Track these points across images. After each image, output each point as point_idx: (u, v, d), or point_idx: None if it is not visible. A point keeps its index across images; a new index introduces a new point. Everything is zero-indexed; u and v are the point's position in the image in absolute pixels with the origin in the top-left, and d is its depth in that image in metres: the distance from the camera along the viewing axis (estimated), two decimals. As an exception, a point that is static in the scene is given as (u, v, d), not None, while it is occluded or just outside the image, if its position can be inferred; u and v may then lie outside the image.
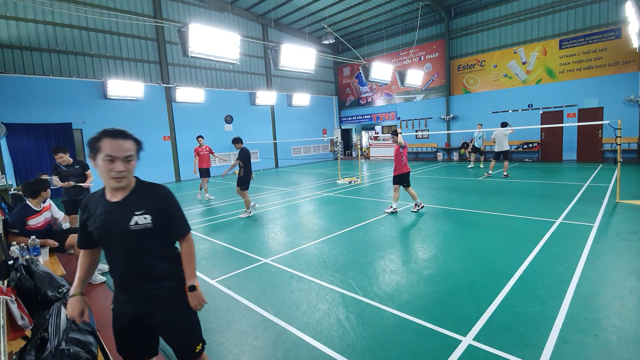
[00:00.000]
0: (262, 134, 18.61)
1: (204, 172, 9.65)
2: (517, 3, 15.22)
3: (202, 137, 9.76)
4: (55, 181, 5.11)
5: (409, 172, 6.82)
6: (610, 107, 13.35)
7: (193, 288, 1.71)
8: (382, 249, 4.79)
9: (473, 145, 13.40)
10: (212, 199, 9.63)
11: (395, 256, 4.49)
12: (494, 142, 10.65)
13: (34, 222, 3.85)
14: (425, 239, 5.14)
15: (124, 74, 13.65)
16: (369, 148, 22.02)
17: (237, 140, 7.21)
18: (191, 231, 1.77)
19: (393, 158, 6.93)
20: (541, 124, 14.40)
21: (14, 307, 1.82)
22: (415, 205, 6.80)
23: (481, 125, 13.27)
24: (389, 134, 11.94)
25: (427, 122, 19.04)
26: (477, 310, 3.01)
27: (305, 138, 20.06)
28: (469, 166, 13.69)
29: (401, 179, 6.81)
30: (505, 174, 10.67)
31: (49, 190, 4.05)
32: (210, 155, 9.89)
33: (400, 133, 6.82)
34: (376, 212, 6.98)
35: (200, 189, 9.86)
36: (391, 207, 6.85)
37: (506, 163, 10.81)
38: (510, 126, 10.61)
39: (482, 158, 13.69)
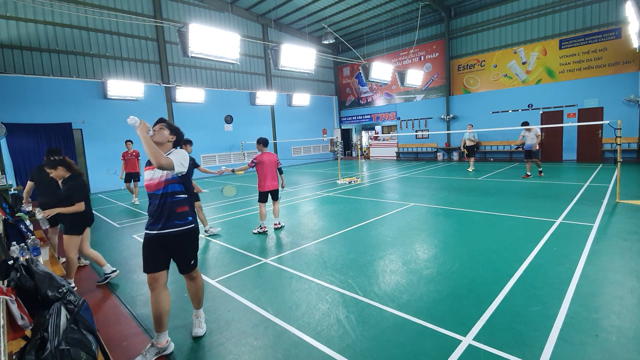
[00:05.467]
0: (262, 134, 18.54)
1: (130, 177, 9.62)
2: (517, 3, 15.22)
3: (131, 142, 9.73)
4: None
5: (267, 192, 5.95)
6: (610, 107, 13.35)
7: None
8: (382, 249, 4.79)
9: (467, 145, 12.74)
10: (137, 204, 9.55)
11: (395, 256, 4.49)
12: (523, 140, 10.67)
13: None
14: (425, 239, 5.14)
15: (124, 74, 13.65)
16: (369, 148, 22.04)
17: None
18: None
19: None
20: (541, 124, 14.39)
21: (14, 307, 1.81)
22: (260, 226, 5.95)
23: (472, 125, 12.94)
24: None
25: (427, 122, 19.03)
26: (477, 310, 3.01)
27: (305, 138, 20.07)
28: (469, 169, 12.99)
29: (260, 195, 5.99)
30: (540, 169, 10.59)
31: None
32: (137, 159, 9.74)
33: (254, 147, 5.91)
34: (376, 212, 6.97)
35: (132, 193, 9.87)
36: (260, 226, 5.97)
37: (537, 161, 10.50)
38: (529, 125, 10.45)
39: (472, 160, 13.03)
